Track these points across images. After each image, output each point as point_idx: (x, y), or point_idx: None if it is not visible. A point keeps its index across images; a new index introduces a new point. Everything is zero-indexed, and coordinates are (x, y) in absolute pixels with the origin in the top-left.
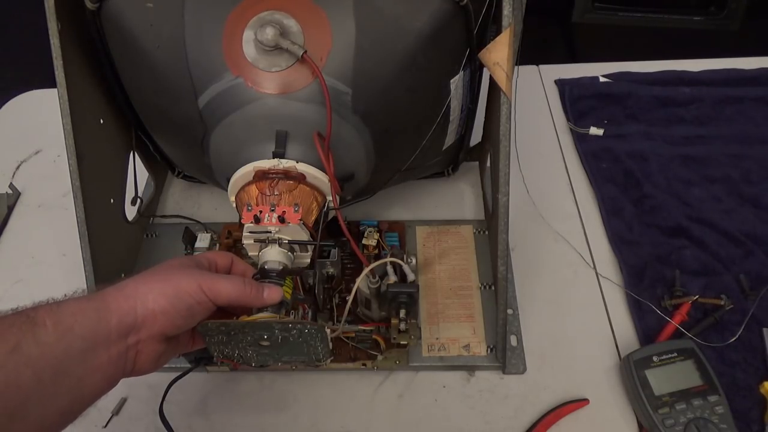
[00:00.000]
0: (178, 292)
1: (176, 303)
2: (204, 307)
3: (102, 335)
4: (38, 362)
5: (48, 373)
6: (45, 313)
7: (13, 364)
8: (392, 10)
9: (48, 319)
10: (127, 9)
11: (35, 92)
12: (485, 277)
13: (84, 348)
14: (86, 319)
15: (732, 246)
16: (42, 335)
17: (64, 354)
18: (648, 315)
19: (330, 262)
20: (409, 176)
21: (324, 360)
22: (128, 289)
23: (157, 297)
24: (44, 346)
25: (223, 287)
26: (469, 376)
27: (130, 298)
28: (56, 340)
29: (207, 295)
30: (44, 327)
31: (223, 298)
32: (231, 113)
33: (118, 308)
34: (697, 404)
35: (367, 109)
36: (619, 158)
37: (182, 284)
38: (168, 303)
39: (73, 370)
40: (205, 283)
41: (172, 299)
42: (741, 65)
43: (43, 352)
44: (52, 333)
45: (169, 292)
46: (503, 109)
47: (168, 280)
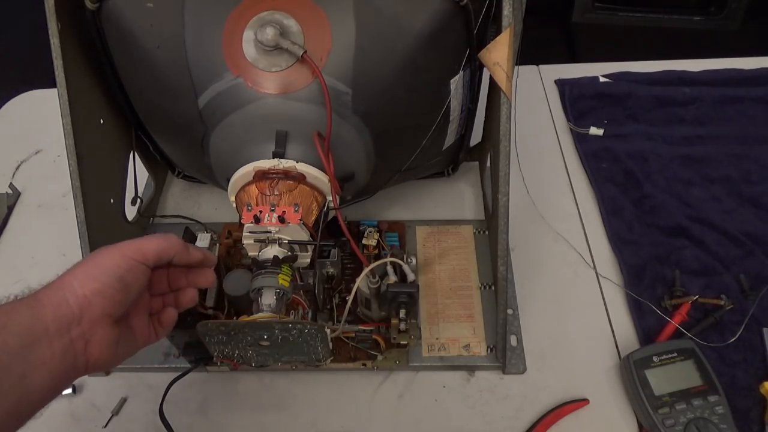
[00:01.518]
0: (102, 269)
1: (105, 279)
2: (136, 272)
3: (39, 330)
4: None
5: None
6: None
7: None
8: (392, 10)
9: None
10: (127, 9)
11: (35, 92)
12: (485, 277)
13: (21, 344)
14: (19, 315)
15: (732, 246)
16: None
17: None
18: (648, 315)
19: (330, 262)
20: (409, 176)
21: (324, 360)
22: (55, 284)
23: (84, 281)
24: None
25: (145, 244)
26: (469, 376)
27: (59, 290)
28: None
29: (134, 258)
30: None
31: (152, 254)
32: (231, 113)
33: (50, 302)
34: (697, 404)
35: (367, 109)
36: (619, 158)
37: (105, 260)
38: (97, 282)
39: (13, 367)
40: (127, 249)
41: (100, 276)
42: (741, 65)
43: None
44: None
45: (95, 272)
46: (503, 109)
47: (91, 263)
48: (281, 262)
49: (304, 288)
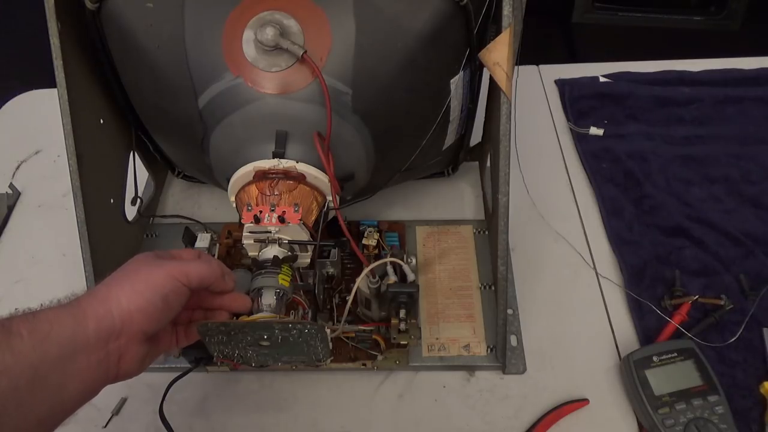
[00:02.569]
0: (149, 286)
1: (150, 297)
2: (178, 293)
3: (80, 341)
4: (13, 370)
5: (24, 380)
6: (20, 322)
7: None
8: (392, 9)
9: (23, 327)
10: (127, 9)
11: (35, 92)
12: (485, 277)
13: (61, 355)
14: (63, 326)
15: (732, 246)
16: (17, 344)
17: (41, 361)
18: (648, 315)
19: (330, 262)
20: (409, 176)
21: (324, 360)
22: (101, 293)
23: (131, 296)
24: (19, 355)
25: (191, 269)
26: (469, 376)
27: (105, 302)
28: (32, 347)
29: (179, 279)
30: (19, 336)
31: (194, 278)
32: (231, 113)
33: (95, 313)
34: (697, 404)
35: (367, 109)
36: (619, 158)
37: (152, 277)
38: (142, 299)
39: (51, 378)
40: (173, 269)
41: (145, 294)
42: (741, 65)
43: (18, 361)
44: (27, 341)
45: (141, 288)
46: (503, 109)
47: (137, 277)
48: (281, 262)
49: (304, 288)
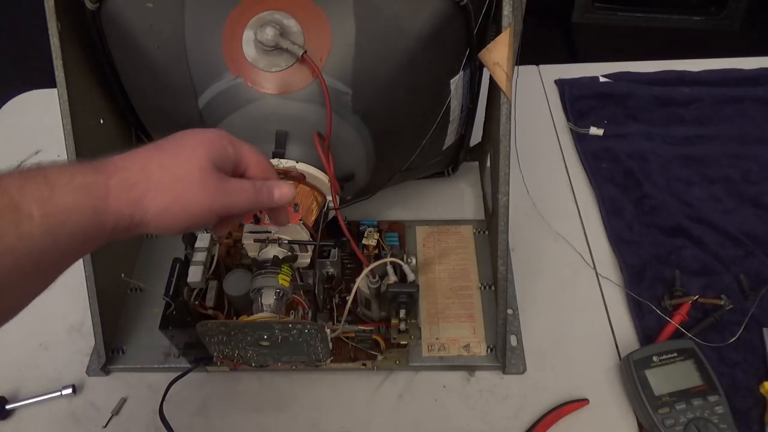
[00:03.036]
0: (185, 213)
1: (179, 221)
2: (208, 223)
3: (94, 235)
4: (18, 253)
5: (30, 263)
6: (33, 201)
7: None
8: (392, 10)
9: (36, 209)
10: (127, 9)
11: (35, 92)
12: (485, 277)
13: (74, 243)
14: (81, 217)
15: (732, 246)
16: (26, 227)
17: (50, 248)
18: (648, 315)
19: (330, 262)
20: (409, 176)
21: (324, 360)
22: (135, 193)
23: (161, 212)
24: (27, 240)
25: (235, 203)
26: (469, 376)
27: (133, 206)
28: (42, 234)
29: (217, 214)
30: (30, 218)
31: (235, 213)
32: (231, 113)
33: (118, 211)
34: (697, 404)
35: (367, 109)
36: (619, 158)
37: (192, 206)
38: (170, 219)
39: (58, 262)
40: (218, 206)
41: (176, 217)
42: (741, 65)
43: (25, 245)
44: (38, 226)
45: (176, 211)
46: (503, 109)
47: (180, 197)
48: (281, 262)
49: (304, 288)
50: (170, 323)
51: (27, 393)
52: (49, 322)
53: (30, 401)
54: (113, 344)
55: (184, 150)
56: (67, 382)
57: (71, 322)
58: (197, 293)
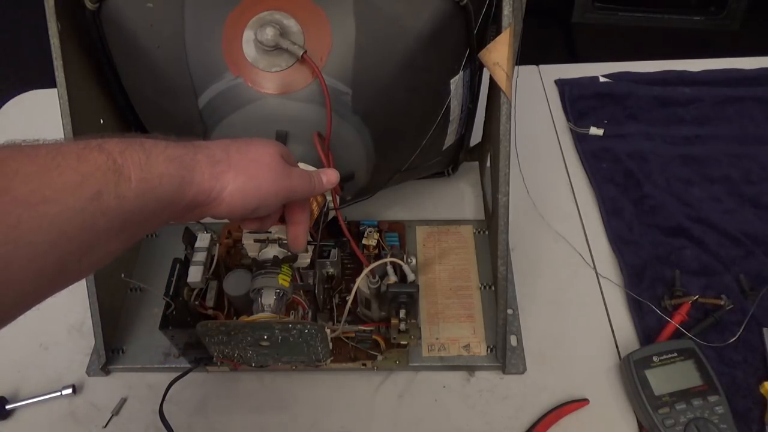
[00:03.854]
0: (257, 193)
1: (249, 201)
2: (272, 208)
3: (175, 202)
4: (113, 212)
5: (118, 223)
6: (133, 165)
7: (91, 210)
8: (392, 10)
9: (134, 173)
10: (127, 9)
11: (35, 92)
12: (485, 277)
13: (156, 209)
14: (170, 185)
15: (732, 246)
16: (124, 188)
17: (138, 211)
18: (648, 315)
19: (330, 262)
20: (409, 176)
21: (324, 360)
22: (218, 168)
23: (235, 192)
24: (123, 200)
25: (297, 189)
26: (469, 376)
27: (214, 180)
28: (135, 196)
29: (281, 198)
30: (128, 181)
31: (294, 198)
32: (231, 113)
33: (200, 184)
34: (697, 404)
35: (367, 109)
36: (619, 158)
37: (264, 187)
38: (241, 199)
39: (140, 225)
40: (283, 189)
41: (248, 196)
42: (741, 65)
43: (120, 205)
44: (134, 189)
45: (249, 190)
46: (503, 109)
47: (255, 177)
48: (281, 262)
49: (304, 288)
50: (170, 323)
51: (27, 393)
52: (49, 322)
53: (30, 401)
54: (113, 344)
55: (257, 141)
56: (67, 382)
57: (71, 322)
58: (197, 293)
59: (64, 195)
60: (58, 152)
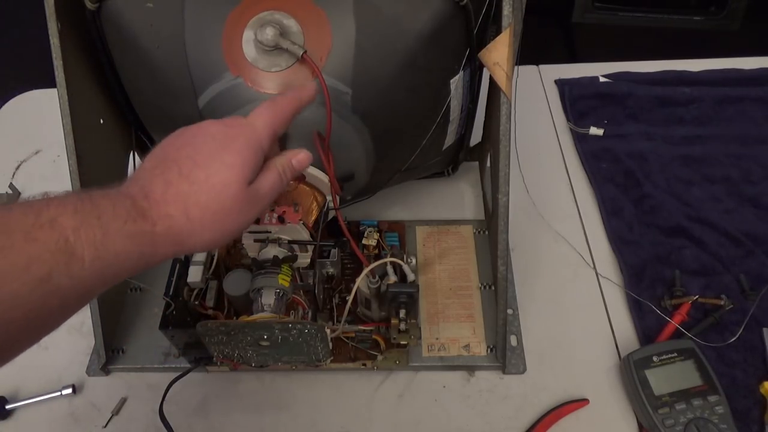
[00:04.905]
0: (229, 236)
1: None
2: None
3: (139, 270)
4: (66, 291)
5: (74, 299)
6: (87, 244)
7: (40, 293)
8: (392, 10)
9: (87, 253)
10: (127, 9)
11: (35, 92)
12: (485, 277)
13: (115, 280)
14: (129, 261)
15: (732, 246)
16: (76, 269)
17: (97, 285)
18: (648, 315)
19: (330, 262)
20: (409, 176)
21: (324, 360)
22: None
23: (205, 246)
24: (77, 280)
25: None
26: (469, 376)
27: (179, 247)
28: (91, 275)
29: (253, 221)
30: (81, 261)
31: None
32: (231, 113)
33: (165, 253)
34: (697, 404)
35: (367, 109)
36: (619, 158)
37: (235, 228)
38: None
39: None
40: (255, 214)
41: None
42: (741, 65)
43: (74, 285)
44: (88, 269)
45: (220, 239)
46: (503, 109)
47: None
48: (281, 262)
49: (304, 288)
50: (170, 323)
51: (27, 393)
52: None
53: (30, 401)
54: (113, 344)
55: (217, 180)
56: (67, 382)
57: (71, 322)
58: (197, 293)
59: (8, 279)
60: (2, 231)
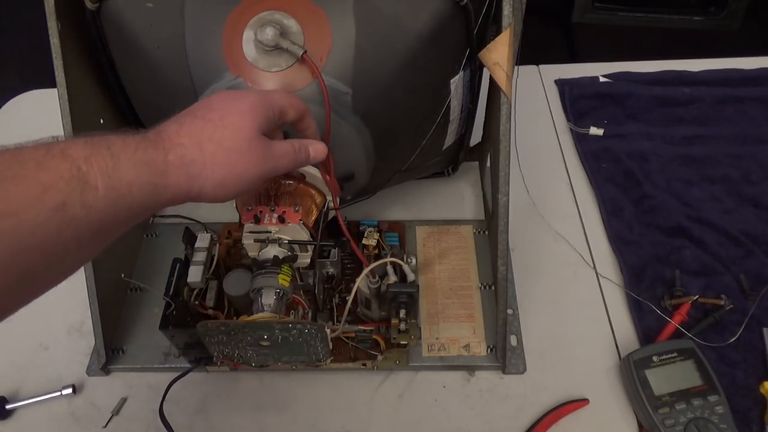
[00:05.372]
0: (237, 182)
1: (230, 191)
2: (257, 188)
3: (150, 207)
4: (80, 223)
5: (87, 232)
6: (99, 173)
7: (56, 223)
8: (392, 10)
9: (101, 182)
10: (127, 9)
11: (35, 92)
12: (485, 277)
13: (129, 216)
14: (141, 192)
15: (732, 246)
16: (90, 198)
17: (110, 219)
18: (648, 315)
19: (330, 262)
20: (409, 176)
21: (324, 360)
22: (193, 169)
23: (217, 184)
24: (90, 210)
25: (279, 167)
26: (469, 376)
27: (190, 181)
28: (104, 206)
29: (264, 179)
30: (95, 190)
31: (279, 174)
32: None
33: (176, 186)
34: (697, 404)
35: (367, 109)
36: (619, 158)
37: (244, 174)
38: (222, 191)
39: (114, 230)
40: (265, 170)
41: (228, 188)
42: (741, 65)
43: (87, 215)
44: (101, 198)
45: (228, 183)
46: (503, 109)
47: (233, 168)
48: (281, 262)
49: (304, 288)
50: (170, 323)
51: (27, 393)
52: (49, 322)
53: (30, 401)
54: (113, 344)
55: (231, 121)
56: (67, 382)
57: (71, 322)
58: (197, 293)
59: (23, 207)
60: (15, 160)
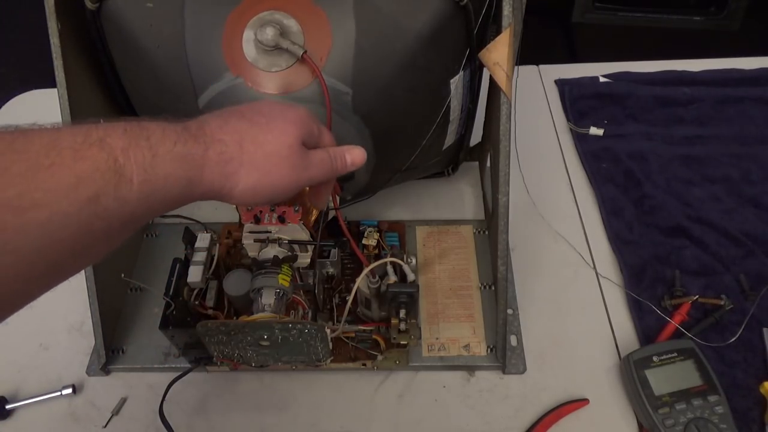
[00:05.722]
0: (271, 189)
1: (260, 197)
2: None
3: (182, 201)
4: (112, 215)
5: (117, 224)
6: (136, 165)
7: (87, 214)
8: (392, 10)
9: (137, 175)
10: (127, 9)
11: (35, 92)
12: (485, 277)
13: (160, 209)
14: (176, 186)
15: (732, 246)
16: (124, 191)
17: (142, 210)
18: (648, 315)
19: (330, 262)
20: (409, 176)
21: (324, 360)
22: (229, 168)
23: (250, 188)
24: (123, 203)
25: (316, 177)
26: (469, 376)
27: (224, 179)
28: (138, 199)
29: (299, 188)
30: (129, 183)
31: (314, 183)
32: None
33: (210, 182)
34: (697, 404)
35: (368, 109)
36: (619, 158)
37: (278, 183)
38: (252, 195)
39: (142, 221)
40: (301, 181)
41: (259, 193)
42: (741, 65)
43: (120, 207)
44: (135, 191)
45: (261, 188)
46: (503, 109)
47: (268, 174)
48: (281, 262)
49: (304, 288)
50: (170, 323)
51: (27, 393)
52: (49, 322)
53: (30, 401)
54: (113, 344)
55: (276, 126)
56: (67, 382)
57: (71, 322)
58: (197, 293)
59: (57, 198)
60: (52, 148)
